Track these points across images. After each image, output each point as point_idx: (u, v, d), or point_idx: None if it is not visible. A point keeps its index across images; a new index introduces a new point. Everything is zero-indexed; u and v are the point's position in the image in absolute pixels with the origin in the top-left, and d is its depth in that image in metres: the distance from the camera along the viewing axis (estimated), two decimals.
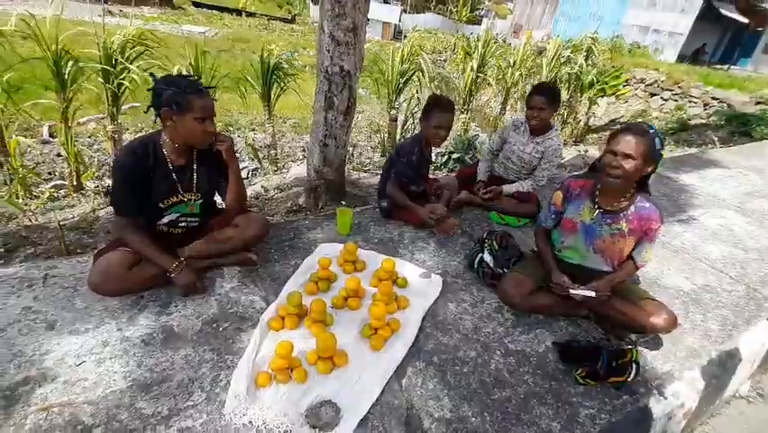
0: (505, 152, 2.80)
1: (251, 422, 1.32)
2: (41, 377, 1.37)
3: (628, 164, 1.55)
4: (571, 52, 7.88)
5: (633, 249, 1.78)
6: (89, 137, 6.10)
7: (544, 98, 2.48)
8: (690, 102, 9.78)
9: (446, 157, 4.53)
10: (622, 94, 10.12)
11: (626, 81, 10.12)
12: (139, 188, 1.60)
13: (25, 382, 1.35)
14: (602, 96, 8.80)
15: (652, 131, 1.57)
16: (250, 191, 3.55)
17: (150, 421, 1.28)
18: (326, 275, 1.91)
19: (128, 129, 7.63)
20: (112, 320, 1.60)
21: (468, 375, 1.61)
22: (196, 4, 32.70)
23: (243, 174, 6.60)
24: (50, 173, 4.87)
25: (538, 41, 11.13)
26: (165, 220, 1.73)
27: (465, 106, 6.48)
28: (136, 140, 1.67)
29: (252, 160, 5.81)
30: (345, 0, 2.16)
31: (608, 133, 9.15)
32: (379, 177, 2.71)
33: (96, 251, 1.74)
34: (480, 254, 2.15)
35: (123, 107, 4.10)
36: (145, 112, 1.60)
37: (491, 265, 2.07)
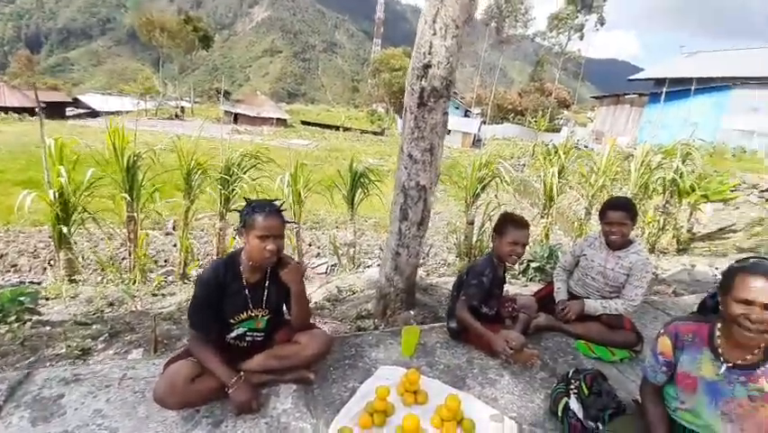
0: (582, 268, 2.53)
1: None
2: None
3: None
4: (663, 157, 7.56)
5: None
6: (201, 230, 7.06)
7: (624, 213, 2.28)
8: None
9: (525, 265, 4.29)
10: (731, 199, 9.16)
11: (735, 187, 9.22)
12: (214, 306, 1.69)
13: None
14: (706, 202, 8.05)
15: None
16: (323, 291, 3.68)
17: None
18: (383, 407, 1.70)
19: (233, 224, 8.71)
20: None
21: None
22: (305, 123, 38.75)
23: (322, 269, 6.97)
24: (165, 261, 5.64)
25: (623, 146, 10.95)
26: (233, 334, 1.78)
27: (545, 211, 6.35)
28: (221, 258, 1.80)
29: (333, 256, 6.16)
30: (424, 126, 2.36)
31: (718, 243, 8.14)
32: (451, 281, 2.63)
33: (167, 359, 1.77)
34: (565, 399, 1.76)
35: (232, 207, 4.77)
36: (236, 230, 1.76)
37: (580, 416, 1.67)
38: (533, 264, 4.16)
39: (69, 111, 34.69)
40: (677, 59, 23.63)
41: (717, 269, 4.48)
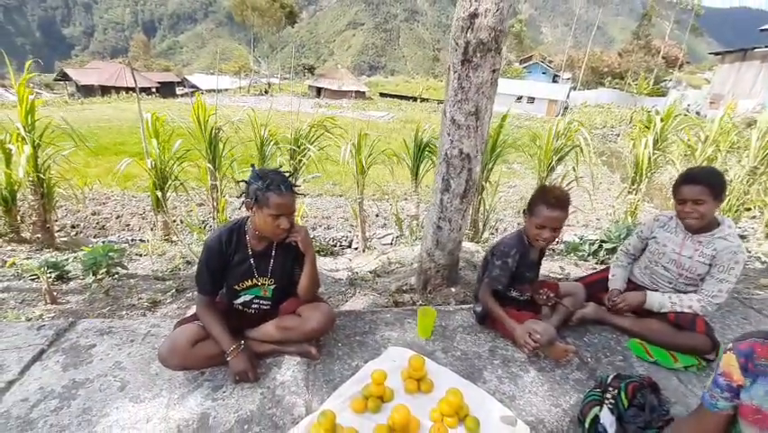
0: (651, 254, 2.13)
1: None
2: None
3: None
4: None
5: None
6: None
7: (702, 187, 1.81)
8: None
9: (596, 246, 3.83)
10: None
11: None
12: (219, 271, 1.72)
13: None
14: None
15: None
16: (377, 262, 3.72)
17: None
18: (379, 392, 1.57)
19: (308, 194, 9.20)
20: (167, 394, 1.61)
21: None
22: (383, 95, 38.93)
23: (388, 240, 7.10)
24: None
25: (746, 112, 9.23)
26: (240, 300, 1.82)
27: (633, 186, 5.70)
28: (227, 224, 1.79)
29: (397, 227, 6.24)
30: (468, 86, 2.18)
31: None
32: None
33: (179, 320, 1.84)
34: (596, 408, 1.47)
35: (301, 179, 5.02)
36: (237, 197, 1.73)
37: (611, 432, 1.39)
38: (606, 246, 3.75)
39: (179, 90, 39.05)
40: None
41: None
